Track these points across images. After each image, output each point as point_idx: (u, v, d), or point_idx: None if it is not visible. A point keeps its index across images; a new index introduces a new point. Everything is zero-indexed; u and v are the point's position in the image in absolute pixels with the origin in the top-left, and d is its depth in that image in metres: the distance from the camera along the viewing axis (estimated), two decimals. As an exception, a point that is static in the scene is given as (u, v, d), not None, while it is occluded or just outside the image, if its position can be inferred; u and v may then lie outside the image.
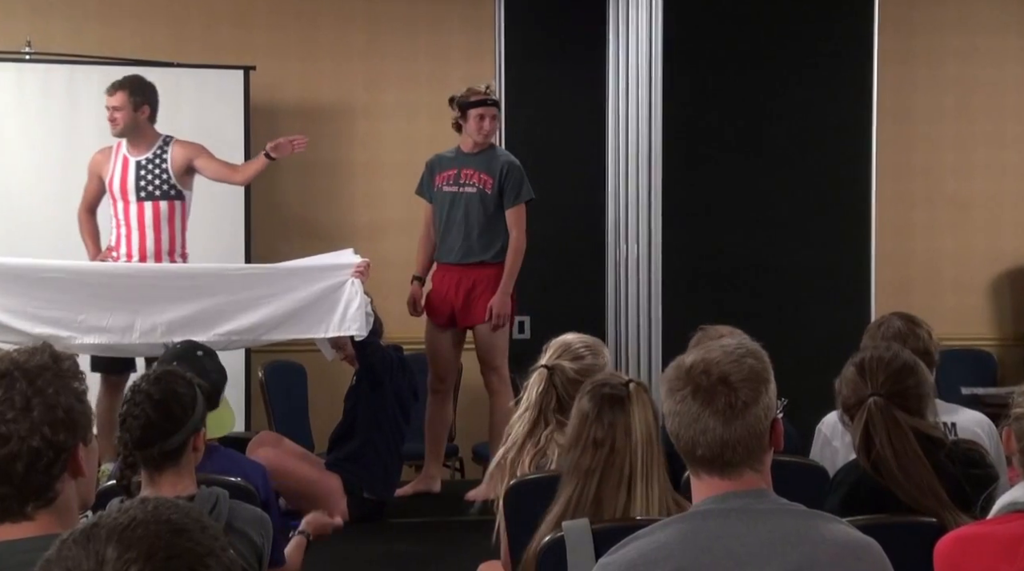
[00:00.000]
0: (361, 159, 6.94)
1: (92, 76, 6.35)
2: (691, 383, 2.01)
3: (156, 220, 5.45)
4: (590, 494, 2.67)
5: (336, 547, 4.74)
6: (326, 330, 5.03)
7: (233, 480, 3.08)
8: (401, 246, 6.84)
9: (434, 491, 5.63)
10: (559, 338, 3.58)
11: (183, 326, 4.88)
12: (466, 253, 5.54)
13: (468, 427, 6.31)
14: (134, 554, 1.11)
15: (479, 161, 5.55)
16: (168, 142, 5.56)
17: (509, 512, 3.21)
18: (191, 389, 2.74)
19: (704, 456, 2.02)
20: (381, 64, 6.94)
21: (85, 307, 4.88)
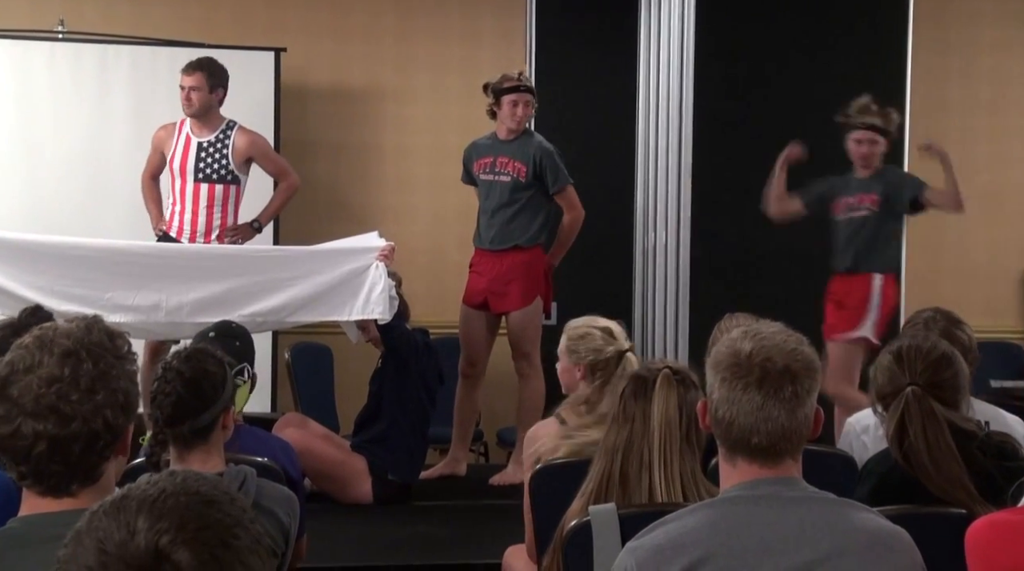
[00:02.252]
0: (391, 142, 6.94)
1: (123, 56, 6.38)
2: (754, 372, 2.01)
3: (211, 202, 5.51)
4: (616, 474, 2.68)
5: (361, 529, 4.77)
6: (350, 313, 5.04)
7: (260, 459, 3.09)
8: (428, 230, 6.86)
9: (459, 475, 5.64)
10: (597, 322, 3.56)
11: (209, 306, 4.90)
12: (500, 239, 5.54)
13: (493, 412, 6.32)
14: (165, 524, 1.12)
15: (513, 149, 5.54)
16: (232, 127, 5.61)
17: (535, 497, 3.21)
18: (221, 368, 2.75)
19: (759, 444, 2.02)
20: (412, 47, 6.93)
21: (112, 285, 4.90)
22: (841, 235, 5.50)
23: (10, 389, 1.74)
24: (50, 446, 1.73)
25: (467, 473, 5.69)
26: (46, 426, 1.73)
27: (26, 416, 1.73)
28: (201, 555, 1.11)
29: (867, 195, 5.48)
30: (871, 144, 5.47)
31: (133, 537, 1.11)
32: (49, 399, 1.73)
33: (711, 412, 2.07)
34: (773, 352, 2.02)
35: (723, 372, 2.04)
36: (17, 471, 1.78)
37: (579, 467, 3.19)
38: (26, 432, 1.73)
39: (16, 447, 1.74)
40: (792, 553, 1.98)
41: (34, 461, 1.74)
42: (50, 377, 1.73)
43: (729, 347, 2.06)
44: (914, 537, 2.08)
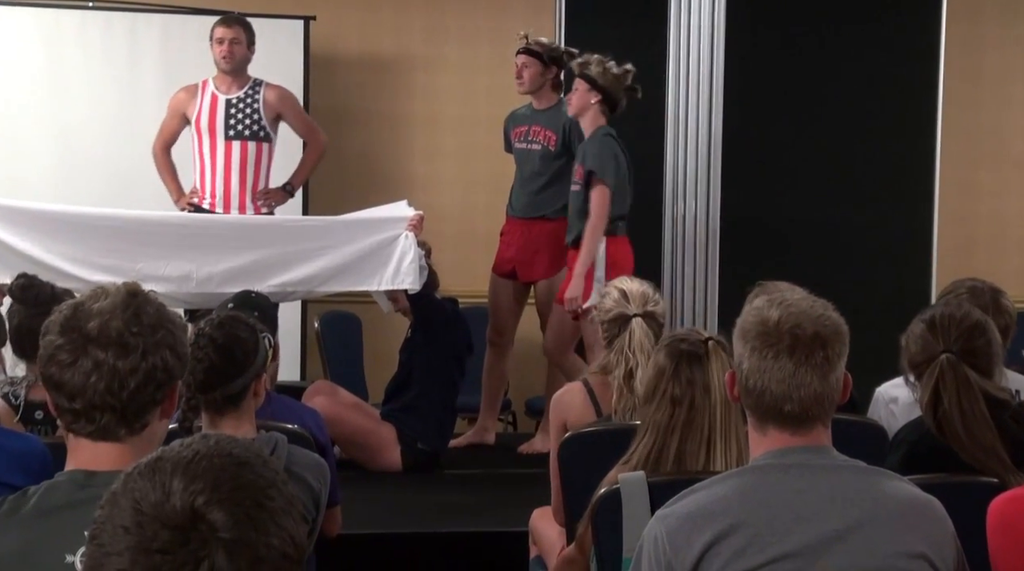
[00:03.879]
0: (420, 112, 6.93)
1: (153, 24, 6.39)
2: (784, 339, 2.01)
3: (243, 160, 5.45)
4: (671, 451, 2.66)
5: (390, 496, 4.79)
6: (379, 283, 5.04)
7: (291, 426, 3.10)
8: (457, 199, 6.85)
9: (488, 443, 5.66)
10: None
11: (239, 276, 4.91)
12: (529, 208, 5.53)
13: (521, 381, 6.32)
14: (200, 485, 1.13)
15: (547, 117, 5.52)
16: (260, 84, 5.57)
17: (562, 464, 3.21)
18: (253, 334, 2.76)
19: (792, 412, 2.02)
20: (442, 16, 6.91)
21: (142, 255, 4.92)
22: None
23: (76, 320, 1.77)
24: (108, 378, 1.76)
25: (495, 442, 5.71)
26: (107, 355, 1.76)
27: (89, 343, 1.76)
28: (236, 515, 1.12)
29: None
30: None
31: (169, 498, 1.12)
32: (115, 327, 1.76)
33: (741, 382, 2.06)
34: (801, 318, 2.02)
35: (752, 341, 2.04)
36: (70, 411, 1.79)
37: (608, 434, 3.19)
38: (86, 362, 1.76)
39: (73, 380, 1.76)
40: (823, 521, 1.98)
41: (88, 394, 1.76)
42: (114, 306, 1.77)
43: (756, 316, 2.05)
44: (946, 506, 2.08)
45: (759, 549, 1.96)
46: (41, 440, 2.53)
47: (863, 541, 1.97)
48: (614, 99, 5.23)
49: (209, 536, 1.11)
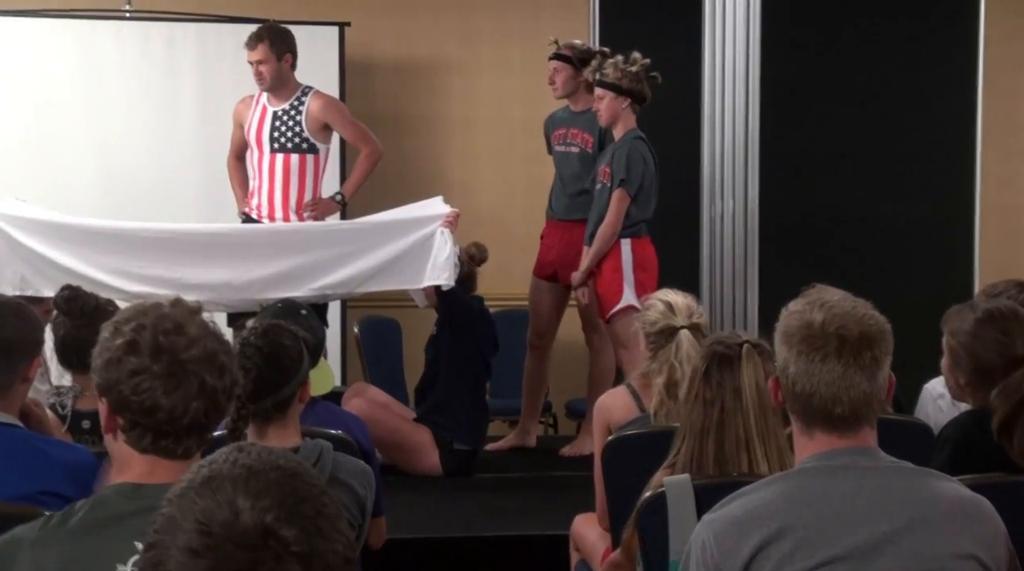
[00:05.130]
0: (455, 115, 6.94)
1: (190, 33, 6.43)
2: (831, 341, 2.00)
3: (286, 172, 5.42)
4: (709, 454, 2.65)
5: (430, 500, 4.80)
6: (416, 280, 5.06)
7: (335, 432, 3.11)
8: (494, 202, 6.86)
9: (529, 446, 5.66)
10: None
11: (278, 282, 4.94)
12: (569, 210, 5.53)
13: (561, 383, 6.31)
14: (266, 502, 1.13)
15: (584, 120, 5.52)
16: (307, 93, 5.48)
17: (606, 467, 3.21)
18: (296, 341, 2.78)
19: (842, 414, 2.01)
20: (475, 20, 6.92)
21: (183, 265, 4.96)
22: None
23: (168, 343, 1.78)
24: (209, 399, 1.79)
25: (537, 444, 5.71)
26: (210, 377, 1.79)
27: (190, 368, 1.78)
28: (304, 527, 1.13)
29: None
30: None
31: (238, 517, 1.12)
32: (211, 348, 1.79)
33: (786, 386, 2.05)
34: (846, 319, 2.01)
35: (797, 345, 2.03)
36: (155, 432, 1.80)
37: (651, 438, 3.19)
38: (190, 385, 1.78)
39: (175, 404, 1.77)
40: (871, 524, 1.96)
41: (190, 416, 1.78)
42: (202, 331, 1.80)
43: (799, 319, 2.04)
44: (998, 506, 2.06)
45: (808, 553, 1.94)
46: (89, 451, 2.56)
47: (913, 543, 1.96)
48: (641, 96, 5.24)
49: (282, 551, 1.11)
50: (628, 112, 5.23)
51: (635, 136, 5.22)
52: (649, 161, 5.21)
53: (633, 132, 5.23)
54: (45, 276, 4.80)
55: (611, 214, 5.16)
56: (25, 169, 6.17)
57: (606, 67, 5.19)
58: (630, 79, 5.18)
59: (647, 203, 5.25)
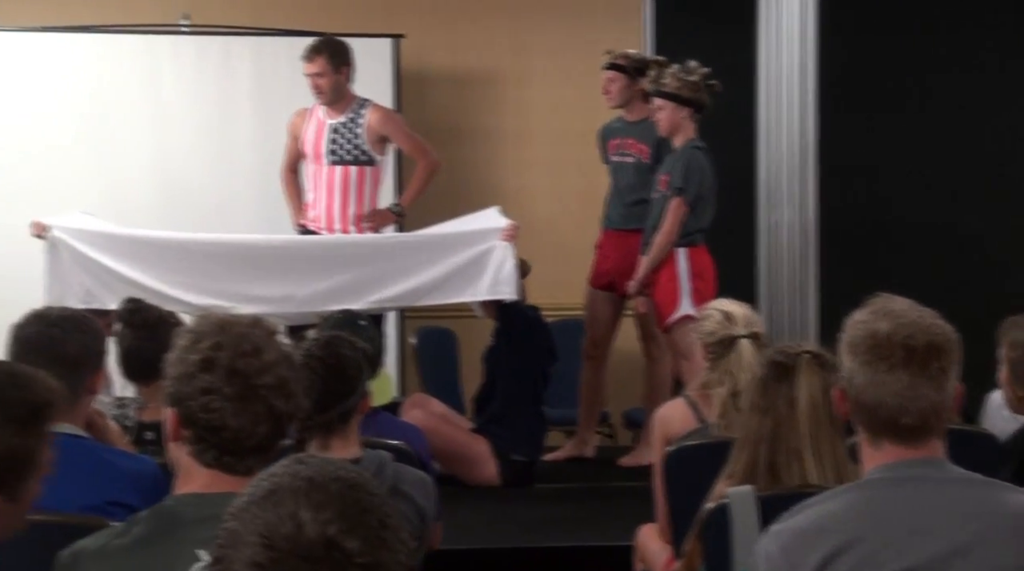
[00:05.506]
0: (510, 126, 6.95)
1: (245, 46, 6.48)
2: (897, 351, 1.97)
3: (345, 184, 5.45)
4: (762, 463, 2.63)
5: (488, 511, 4.80)
6: (475, 293, 5.08)
7: (395, 443, 3.12)
8: (549, 212, 6.86)
9: (587, 456, 5.64)
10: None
11: (339, 294, 4.98)
12: (625, 219, 5.52)
13: (619, 392, 6.29)
14: (329, 514, 1.12)
15: (639, 130, 5.51)
16: (364, 106, 5.52)
17: (668, 478, 3.20)
18: (357, 352, 2.80)
19: (909, 424, 1.98)
20: (528, 31, 6.93)
21: (245, 278, 5.02)
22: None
23: (243, 366, 1.80)
24: (275, 423, 1.81)
25: (594, 455, 5.69)
26: (279, 402, 1.80)
27: (261, 392, 1.79)
28: (368, 538, 1.13)
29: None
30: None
31: (301, 529, 1.11)
32: (283, 375, 1.81)
33: (852, 397, 2.03)
34: (913, 329, 1.99)
35: (863, 355, 2.00)
36: (218, 449, 1.81)
37: (712, 448, 3.16)
38: (259, 409, 1.79)
39: (242, 425, 1.79)
40: (941, 536, 1.94)
41: (256, 439, 1.80)
42: (278, 356, 1.82)
43: (864, 329, 2.02)
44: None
45: (876, 566, 1.92)
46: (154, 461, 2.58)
47: (983, 556, 1.93)
48: (700, 105, 5.22)
49: (345, 563, 1.11)
50: (688, 122, 5.20)
51: (694, 145, 5.20)
52: (708, 171, 5.19)
53: (693, 141, 5.21)
54: (109, 288, 4.87)
55: (667, 223, 5.15)
56: (87, 183, 6.25)
57: (665, 77, 5.17)
58: (690, 88, 5.16)
59: (704, 213, 5.22)
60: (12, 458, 1.73)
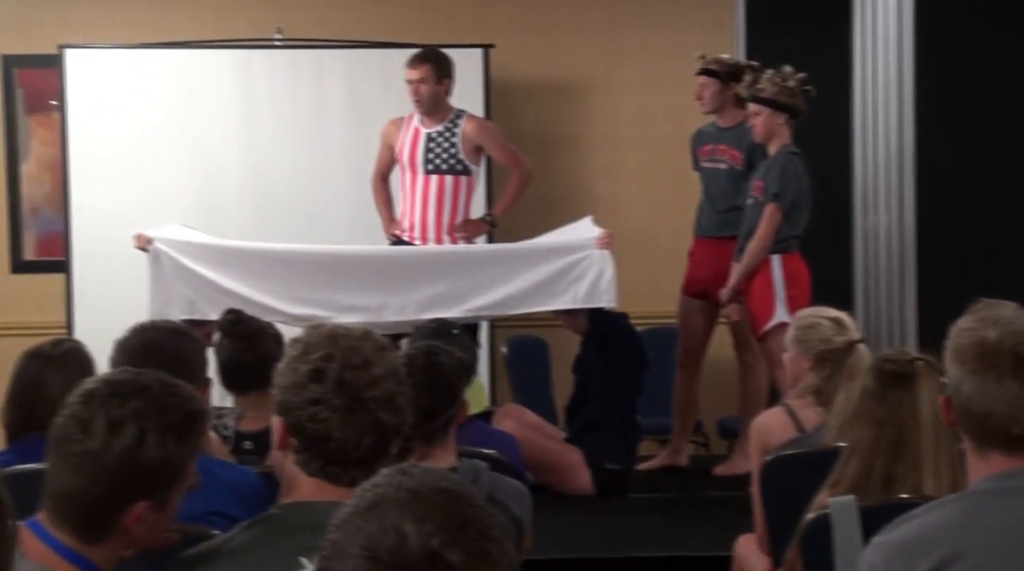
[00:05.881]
0: (600, 133, 6.94)
1: (338, 59, 6.55)
2: (1007, 360, 1.92)
3: (440, 194, 5.50)
4: (878, 474, 2.58)
5: (583, 520, 4.78)
6: (573, 301, 5.07)
7: (490, 452, 3.12)
8: (640, 220, 6.83)
9: (681, 465, 5.60)
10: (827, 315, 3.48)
11: (434, 303, 5.00)
12: (717, 226, 5.47)
13: (713, 401, 6.23)
14: (431, 526, 1.12)
15: (731, 136, 5.46)
16: (460, 116, 5.59)
17: (766, 488, 3.16)
18: (456, 361, 2.81)
19: (1018, 434, 1.93)
20: (618, 38, 6.91)
21: (340, 287, 5.07)
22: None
23: (352, 378, 1.81)
24: (380, 437, 1.82)
25: (689, 464, 5.65)
26: (386, 416, 1.82)
27: (370, 405, 1.80)
28: (471, 551, 1.12)
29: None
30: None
31: (404, 542, 1.11)
32: (392, 389, 1.82)
33: (959, 406, 1.98)
34: (1022, 337, 1.94)
35: (970, 364, 1.96)
36: (323, 460, 1.83)
37: (811, 457, 3.12)
38: (366, 422, 1.81)
39: (348, 437, 1.80)
40: (1052, 549, 1.88)
41: (360, 451, 1.81)
42: (387, 370, 1.83)
43: (971, 337, 1.97)
44: None
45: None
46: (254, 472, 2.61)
47: (1095, 570, 1.87)
48: (796, 111, 5.16)
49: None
50: (784, 127, 5.15)
51: (790, 151, 5.14)
52: (803, 177, 5.13)
53: (788, 147, 5.15)
54: (211, 300, 4.95)
55: (762, 229, 5.09)
56: (184, 196, 6.36)
57: (761, 82, 5.12)
58: (786, 94, 5.10)
59: (798, 219, 5.15)
60: (167, 465, 1.75)
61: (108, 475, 1.71)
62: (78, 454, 1.72)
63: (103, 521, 1.73)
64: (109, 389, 1.76)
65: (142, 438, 1.72)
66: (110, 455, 1.71)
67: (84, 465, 1.72)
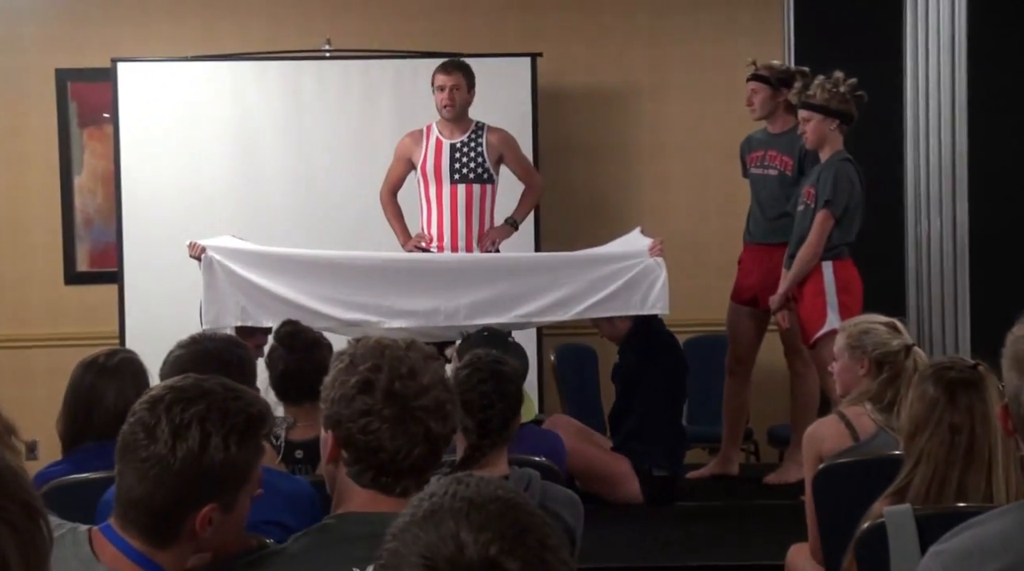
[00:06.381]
0: (647, 141, 6.93)
1: (387, 69, 6.58)
2: None
3: (469, 202, 5.56)
4: (953, 482, 2.55)
5: (633, 529, 4.76)
6: (626, 308, 5.06)
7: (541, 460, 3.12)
8: (689, 227, 6.80)
9: (731, 474, 5.56)
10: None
11: (484, 309, 5.02)
12: (769, 233, 5.44)
13: (762, 409, 6.20)
14: (489, 535, 1.12)
15: (782, 142, 5.43)
16: (482, 127, 5.67)
17: (819, 496, 3.13)
18: (516, 370, 2.82)
19: None
20: (666, 45, 6.90)
21: (391, 293, 5.09)
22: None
23: (401, 389, 1.83)
24: (430, 446, 1.83)
25: (739, 472, 5.61)
26: (436, 425, 1.83)
27: (419, 415, 1.82)
28: (529, 560, 1.12)
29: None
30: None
31: (463, 551, 1.11)
32: (441, 398, 1.83)
33: (1018, 415, 1.95)
34: None
35: None
36: (375, 470, 1.84)
37: (866, 465, 3.09)
38: (417, 431, 1.82)
39: (399, 447, 1.82)
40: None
41: (411, 460, 1.82)
42: (434, 379, 1.84)
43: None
44: None
45: (1045, 589, 1.84)
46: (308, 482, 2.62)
47: None
48: (849, 116, 5.11)
49: None
50: (836, 133, 5.10)
51: (843, 158, 5.09)
52: (856, 183, 5.08)
53: (841, 153, 5.10)
54: (263, 306, 5.00)
55: (813, 235, 5.05)
56: (235, 205, 6.42)
57: (812, 88, 5.08)
58: (838, 100, 5.06)
59: (850, 226, 5.11)
60: (231, 468, 1.77)
61: (174, 479, 1.73)
62: (144, 460, 1.75)
63: (171, 525, 1.76)
64: (173, 395, 1.78)
65: (206, 441, 1.74)
66: (175, 459, 1.74)
67: (150, 470, 1.74)
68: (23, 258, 6.84)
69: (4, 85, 6.82)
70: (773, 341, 5.61)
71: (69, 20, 6.83)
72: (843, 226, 5.07)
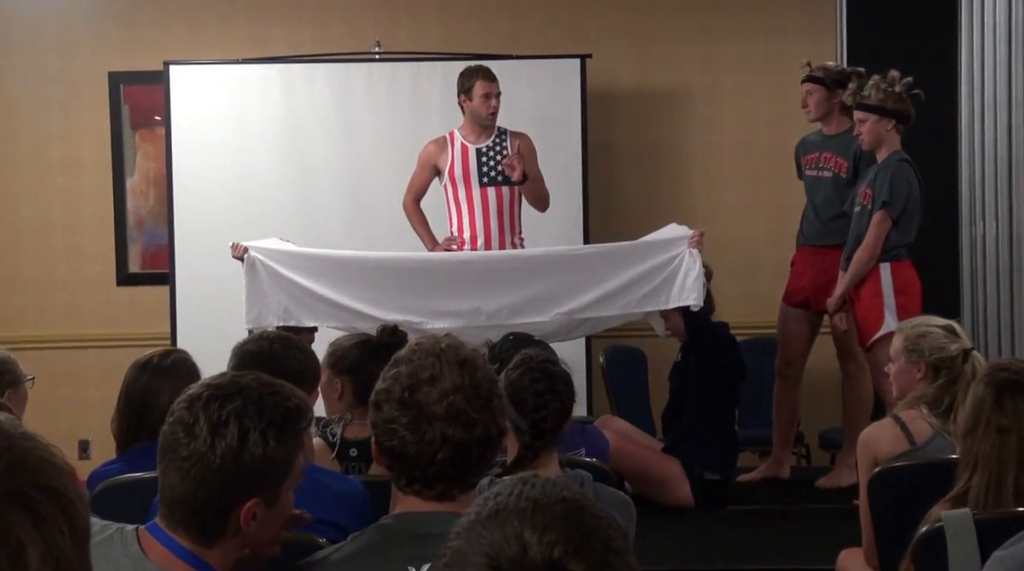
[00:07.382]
0: (697, 142, 6.89)
1: (436, 71, 6.59)
2: None
3: (499, 204, 5.59)
4: (1008, 485, 2.51)
5: (683, 532, 4.73)
6: (665, 301, 5.03)
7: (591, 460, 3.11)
8: (740, 229, 6.76)
9: (782, 477, 5.51)
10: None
11: (526, 307, 5.02)
12: (821, 235, 5.39)
13: (813, 412, 6.14)
14: (553, 536, 1.11)
15: (837, 144, 5.37)
16: (505, 132, 5.69)
17: (874, 500, 3.09)
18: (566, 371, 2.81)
19: None
20: (717, 46, 6.86)
21: (434, 294, 5.09)
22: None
23: (416, 396, 1.84)
24: (454, 451, 1.82)
25: (790, 476, 5.56)
26: (454, 431, 1.82)
27: (435, 421, 1.82)
28: (593, 562, 1.11)
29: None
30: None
31: (526, 551, 1.10)
32: (458, 405, 1.82)
33: None
34: None
35: None
36: (407, 476, 1.86)
37: (921, 469, 3.05)
38: (433, 437, 1.82)
39: (420, 453, 1.83)
40: None
41: (435, 466, 1.83)
42: (455, 385, 1.83)
43: None
44: None
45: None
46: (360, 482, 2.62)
47: None
48: (906, 116, 5.05)
49: None
50: (892, 134, 5.04)
51: (900, 158, 5.03)
52: (914, 184, 5.02)
53: (898, 154, 5.04)
54: (306, 306, 5.02)
55: (870, 237, 4.99)
56: (284, 208, 6.45)
57: (867, 89, 5.02)
58: (894, 100, 5.00)
59: (908, 227, 5.04)
60: (271, 462, 1.77)
61: (215, 476, 1.74)
62: (185, 458, 1.76)
63: (216, 522, 1.76)
64: (210, 392, 1.79)
65: (244, 437, 1.75)
66: (215, 456, 1.74)
67: (191, 468, 1.75)
68: (76, 260, 6.92)
69: (58, 88, 6.90)
70: (824, 344, 5.56)
71: (121, 23, 6.90)
72: (901, 227, 5.00)
